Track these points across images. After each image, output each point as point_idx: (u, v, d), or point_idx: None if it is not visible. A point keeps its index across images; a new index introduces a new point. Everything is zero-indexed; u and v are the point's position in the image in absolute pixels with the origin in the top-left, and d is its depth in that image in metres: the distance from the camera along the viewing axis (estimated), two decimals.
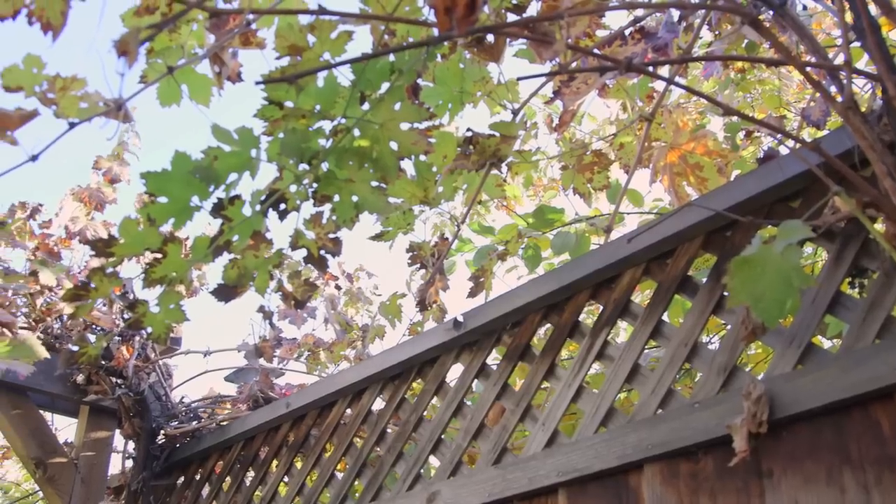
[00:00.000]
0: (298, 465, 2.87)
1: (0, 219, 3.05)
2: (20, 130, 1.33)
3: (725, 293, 1.83)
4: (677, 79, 2.14)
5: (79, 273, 3.15)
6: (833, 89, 1.45)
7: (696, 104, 3.55)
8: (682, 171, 2.18)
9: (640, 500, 1.78)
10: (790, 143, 1.96)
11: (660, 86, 2.29)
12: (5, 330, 2.61)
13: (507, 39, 1.78)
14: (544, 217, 3.01)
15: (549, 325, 2.25)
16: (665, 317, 1.97)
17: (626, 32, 1.90)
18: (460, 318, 2.36)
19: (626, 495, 1.82)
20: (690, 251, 1.94)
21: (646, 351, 2.03)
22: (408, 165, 1.53)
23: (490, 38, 1.76)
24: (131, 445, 3.47)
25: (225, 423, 3.30)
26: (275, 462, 2.98)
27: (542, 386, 2.18)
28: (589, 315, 3.36)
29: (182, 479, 3.41)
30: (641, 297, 3.24)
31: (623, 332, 3.73)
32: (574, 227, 3.00)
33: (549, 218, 3.01)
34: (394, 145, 1.45)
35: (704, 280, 1.89)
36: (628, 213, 3.33)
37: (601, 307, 2.10)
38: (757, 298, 1.23)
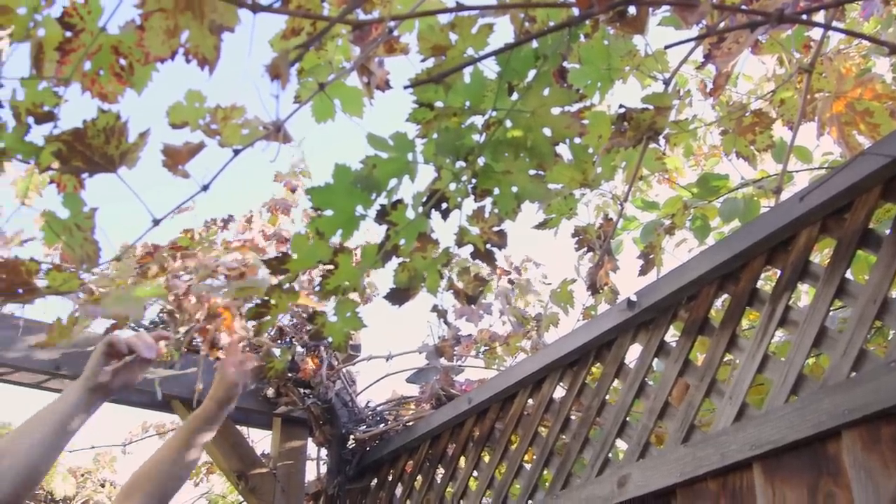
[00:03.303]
0: (486, 458, 2.90)
1: (191, 239, 3.18)
2: (190, 163, 1.40)
3: None
4: (834, 24, 2.03)
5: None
6: None
7: (858, 47, 3.37)
8: (850, 119, 2.08)
9: (840, 468, 1.71)
10: None
11: (816, 34, 2.19)
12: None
13: (650, 9, 1.74)
14: (709, 185, 2.93)
15: (725, 296, 2.19)
16: (849, 274, 1.88)
17: None
18: (634, 298, 2.33)
19: (825, 465, 1.74)
20: (869, 202, 1.84)
21: (832, 312, 1.95)
22: (563, 150, 1.51)
23: (632, 10, 1.73)
24: (324, 452, 3.60)
25: (410, 423, 3.37)
26: (462, 458, 3.01)
27: (725, 359, 2.12)
28: (766, 281, 3.24)
29: (375, 480, 3.50)
30: (821, 256, 3.11)
31: (805, 295, 3.59)
32: (741, 192, 2.90)
33: (713, 186, 2.93)
34: (547, 131, 1.44)
35: (888, 231, 1.80)
36: (797, 172, 3.19)
37: (779, 272, 2.03)
38: None
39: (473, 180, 1.49)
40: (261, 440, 3.90)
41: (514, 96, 1.42)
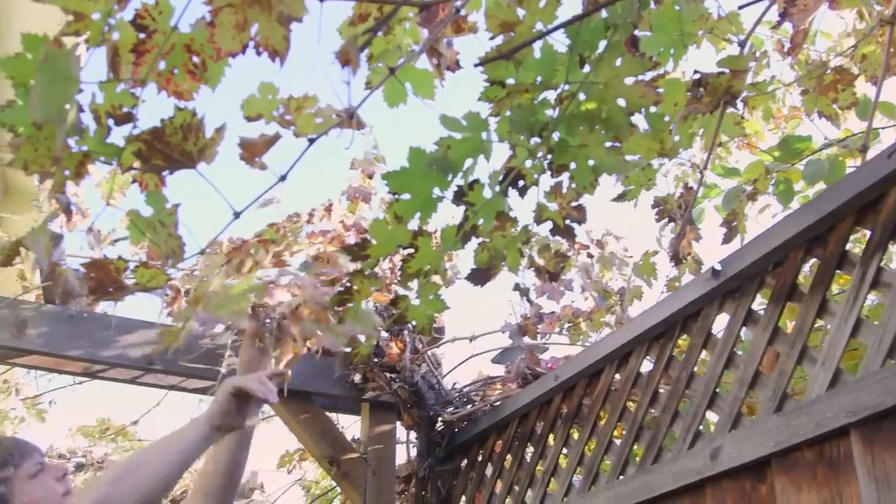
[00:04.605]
0: (575, 435, 2.89)
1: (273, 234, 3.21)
2: (266, 155, 1.42)
3: None
4: None
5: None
6: None
7: None
8: None
9: None
10: None
11: None
12: None
13: None
14: (791, 148, 2.86)
15: (813, 260, 2.14)
16: None
17: None
18: (718, 267, 2.28)
19: None
20: None
21: None
22: (639, 120, 1.49)
23: None
24: (413, 435, 3.63)
25: (497, 403, 3.37)
26: (551, 435, 3.01)
27: (816, 325, 2.07)
28: (856, 243, 3.16)
29: (465, 461, 3.52)
30: None
31: None
32: (825, 152, 2.82)
33: (796, 148, 2.85)
34: (621, 102, 1.42)
35: None
36: (883, 129, 3.09)
37: (868, 232, 1.97)
38: None
39: (549, 156, 1.47)
40: (350, 426, 3.95)
41: (586, 68, 1.40)
